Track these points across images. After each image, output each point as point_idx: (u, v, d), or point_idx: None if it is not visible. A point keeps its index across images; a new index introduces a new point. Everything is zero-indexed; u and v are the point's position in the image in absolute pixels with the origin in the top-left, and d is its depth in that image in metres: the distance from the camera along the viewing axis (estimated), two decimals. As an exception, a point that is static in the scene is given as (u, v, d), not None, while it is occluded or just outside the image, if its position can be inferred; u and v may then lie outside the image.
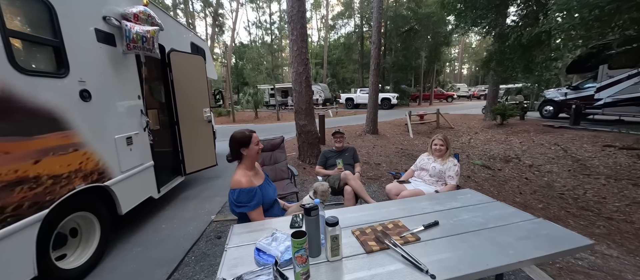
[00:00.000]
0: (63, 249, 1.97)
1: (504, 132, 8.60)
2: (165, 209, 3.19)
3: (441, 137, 2.60)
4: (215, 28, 22.25)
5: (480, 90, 28.93)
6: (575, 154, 5.86)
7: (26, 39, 1.69)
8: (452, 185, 2.39)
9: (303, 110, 4.70)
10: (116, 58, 2.42)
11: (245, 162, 1.63)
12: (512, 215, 1.39)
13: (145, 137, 2.78)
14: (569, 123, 8.52)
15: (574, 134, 7.43)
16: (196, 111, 3.73)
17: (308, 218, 1.10)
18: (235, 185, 1.52)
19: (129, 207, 2.43)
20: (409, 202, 1.65)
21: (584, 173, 4.92)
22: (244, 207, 1.50)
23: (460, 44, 42.10)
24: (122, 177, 2.35)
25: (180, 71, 3.43)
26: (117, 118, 2.40)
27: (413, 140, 8.21)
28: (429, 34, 18.98)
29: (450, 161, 2.50)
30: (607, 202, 3.82)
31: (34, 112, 1.64)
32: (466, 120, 11.74)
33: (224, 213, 3.06)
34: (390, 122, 11.65)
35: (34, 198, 1.59)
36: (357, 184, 2.46)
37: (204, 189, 3.89)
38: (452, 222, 1.35)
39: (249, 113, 17.72)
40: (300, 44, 4.52)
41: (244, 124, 13.56)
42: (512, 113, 9.61)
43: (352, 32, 24.85)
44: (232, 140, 1.62)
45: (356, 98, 19.56)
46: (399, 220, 1.40)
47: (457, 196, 1.69)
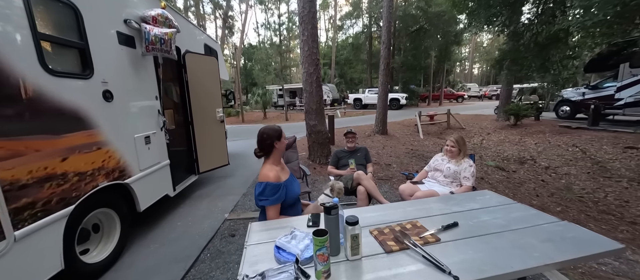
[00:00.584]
0: (86, 244, 2.04)
1: (518, 133, 8.38)
2: (180, 207, 3.27)
3: (454, 138, 2.56)
4: (225, 30, 22.61)
5: (491, 90, 28.26)
6: (594, 156, 5.65)
7: (55, 41, 1.77)
8: (468, 187, 2.35)
9: (313, 110, 4.72)
10: (136, 59, 2.50)
11: (274, 157, 1.66)
12: (534, 217, 1.36)
13: (162, 136, 2.86)
14: (587, 124, 8.22)
15: (593, 135, 7.17)
16: (209, 111, 3.80)
17: (328, 217, 1.10)
18: (263, 178, 1.56)
19: (147, 204, 2.50)
20: (425, 203, 1.64)
21: (604, 175, 4.74)
22: (265, 201, 1.53)
23: (471, 43, 41.31)
24: (141, 175, 2.42)
25: (194, 72, 3.51)
26: (137, 118, 2.47)
27: (423, 140, 8.10)
28: (439, 33, 18.69)
29: (465, 162, 2.45)
30: (630, 206, 3.66)
31: (62, 112, 1.71)
32: (478, 121, 11.50)
33: (236, 212, 3.11)
34: (399, 123, 11.54)
35: (62, 194, 1.66)
36: (370, 184, 2.46)
37: (216, 187, 3.96)
38: (472, 223, 1.33)
39: (257, 113, 17.91)
40: (311, 45, 4.54)
41: (253, 125, 13.71)
42: (526, 113, 9.35)
43: (360, 32, 24.74)
44: (265, 134, 1.65)
45: (364, 98, 19.46)
46: (417, 220, 1.39)
47: (476, 197, 1.66)
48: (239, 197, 3.54)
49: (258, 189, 1.56)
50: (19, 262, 1.44)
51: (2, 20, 1.43)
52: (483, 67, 48.14)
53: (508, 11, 5.42)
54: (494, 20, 5.58)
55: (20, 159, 1.45)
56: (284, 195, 1.57)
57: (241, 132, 10.60)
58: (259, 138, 1.67)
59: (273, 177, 1.55)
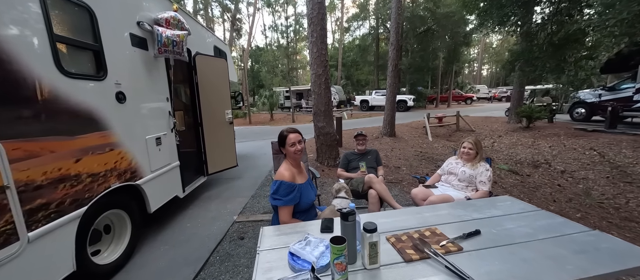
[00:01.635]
0: (97, 245, 2.05)
1: (531, 136, 8.16)
2: (189, 208, 3.27)
3: (471, 140, 2.48)
4: (233, 32, 22.87)
5: (501, 91, 27.72)
6: (613, 160, 5.43)
7: (70, 43, 1.78)
8: (484, 192, 2.27)
9: (322, 112, 4.68)
10: (148, 61, 2.51)
11: (289, 160, 1.67)
12: (562, 226, 1.28)
13: (172, 137, 2.87)
14: (604, 126, 7.93)
15: (611, 138, 6.91)
16: (219, 113, 3.81)
17: (345, 223, 1.06)
18: (278, 176, 1.56)
19: (157, 205, 2.51)
20: (442, 209, 1.57)
21: (625, 181, 4.53)
22: (278, 200, 1.51)
23: (480, 44, 40.67)
24: (151, 176, 2.43)
25: (204, 74, 3.52)
26: (148, 119, 2.48)
27: (432, 143, 7.96)
28: (447, 34, 18.44)
29: (481, 166, 2.37)
30: None
31: (76, 113, 1.72)
32: (488, 123, 11.26)
33: (245, 214, 3.09)
34: (407, 125, 11.40)
35: (75, 195, 1.66)
36: (382, 187, 2.40)
37: (225, 189, 3.96)
38: (495, 232, 1.26)
39: (264, 115, 18.00)
40: (319, 46, 4.51)
41: (260, 127, 13.77)
42: (539, 115, 9.09)
43: (367, 34, 24.64)
44: (278, 137, 1.72)
45: (371, 100, 19.35)
46: (435, 227, 1.33)
47: (496, 203, 1.59)
48: (248, 199, 3.52)
49: (273, 187, 1.55)
50: (31, 264, 1.44)
51: (20, 24, 1.44)
52: (492, 69, 47.31)
53: (521, 11, 5.28)
54: (506, 21, 5.44)
55: (35, 160, 1.46)
56: (298, 197, 1.54)
57: (248, 134, 10.65)
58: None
59: (288, 177, 1.53)
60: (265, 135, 10.32)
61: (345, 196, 1.75)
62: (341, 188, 1.79)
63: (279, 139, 1.68)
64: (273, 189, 1.52)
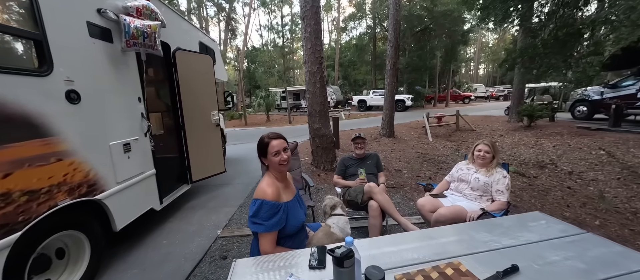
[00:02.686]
0: (46, 274, 1.71)
1: (533, 135, 7.93)
2: (168, 221, 2.93)
3: (487, 142, 2.19)
4: (228, 32, 22.48)
5: (498, 90, 27.63)
6: (622, 160, 5.18)
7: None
8: (503, 202, 1.97)
9: (317, 112, 4.37)
10: (113, 56, 2.18)
11: (273, 171, 1.34)
12: (623, 259, 0.98)
13: (146, 142, 2.54)
14: (608, 124, 7.72)
15: (617, 136, 6.68)
16: (204, 114, 3.48)
17: (340, 270, 0.75)
18: (258, 194, 1.23)
19: (125, 222, 2.17)
20: (462, 231, 1.27)
21: (637, 182, 4.27)
22: (259, 226, 1.18)
23: (476, 44, 40.64)
24: (117, 188, 2.09)
25: (186, 71, 3.19)
26: (113, 122, 2.15)
27: (433, 144, 7.69)
28: (445, 33, 18.25)
29: (498, 172, 2.07)
30: None
31: (3, 116, 1.38)
32: (488, 122, 11.04)
33: (230, 227, 2.76)
34: (406, 125, 11.14)
35: (1, 220, 1.33)
36: (384, 198, 2.09)
37: (211, 198, 3.62)
38: (537, 268, 0.95)
39: (260, 116, 17.66)
40: (314, 42, 4.20)
41: (256, 128, 13.42)
42: (541, 114, 8.88)
43: (364, 34, 24.40)
44: (257, 144, 1.37)
45: (369, 100, 19.10)
46: (458, 260, 1.02)
47: (528, 223, 1.28)
48: (235, 209, 3.19)
49: (252, 207, 1.22)
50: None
51: None
52: (489, 68, 47.40)
53: (526, 5, 5.02)
54: (509, 15, 5.18)
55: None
56: (283, 220, 1.22)
57: (243, 135, 10.30)
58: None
59: (271, 194, 1.20)
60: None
61: (342, 212, 1.45)
62: (336, 204, 1.49)
63: (259, 147, 1.33)
64: (252, 210, 1.20)
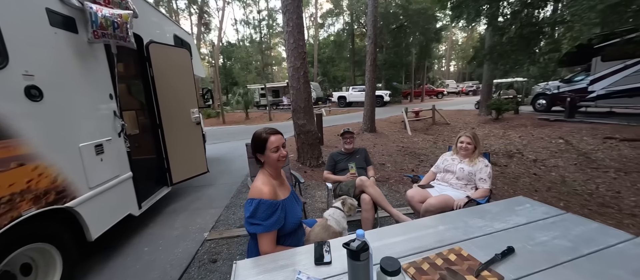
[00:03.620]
0: (10, 293, 1.52)
1: (501, 127, 8.54)
2: (148, 227, 2.74)
3: (469, 133, 2.30)
4: (201, 26, 21.40)
5: (468, 86, 29.32)
6: (577, 147, 5.75)
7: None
8: (486, 190, 2.10)
9: (301, 108, 4.32)
10: (79, 48, 1.97)
11: (268, 169, 1.28)
12: (600, 234, 1.08)
13: (120, 143, 2.34)
14: (564, 116, 8.54)
15: (572, 126, 7.41)
16: (183, 112, 3.29)
17: (355, 264, 0.74)
18: (254, 194, 1.17)
19: (101, 230, 1.99)
20: (457, 219, 1.32)
21: (591, 166, 4.77)
22: (258, 226, 1.14)
23: (447, 42, 42.71)
24: (90, 194, 1.91)
25: (162, 66, 2.98)
26: (83, 122, 1.95)
27: (412, 137, 7.97)
28: (419, 31, 18.93)
29: (480, 161, 2.20)
30: (623, 197, 3.64)
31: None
32: (461, 116, 11.68)
33: (218, 229, 2.65)
34: (386, 120, 11.44)
35: (-47, 236, 1.15)
36: (376, 191, 2.12)
37: (194, 199, 3.44)
38: (530, 248, 1.02)
39: (239, 114, 17.14)
40: (296, 36, 4.13)
41: (235, 126, 13.01)
42: (507, 107, 9.59)
43: (342, 30, 24.55)
44: (251, 141, 1.31)
45: (348, 96, 19.32)
46: (458, 246, 1.06)
47: (514, 207, 1.37)
48: (221, 210, 3.07)
49: (248, 208, 1.16)
50: None
51: None
52: (459, 65, 50.08)
53: (495, 4, 5.34)
54: (481, 14, 5.49)
55: None
56: (282, 219, 1.19)
57: (222, 134, 9.94)
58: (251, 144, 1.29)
59: (267, 193, 1.16)
60: (241, 135, 9.70)
61: (340, 208, 1.45)
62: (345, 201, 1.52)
63: (254, 144, 1.27)
64: (249, 210, 1.15)
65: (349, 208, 1.39)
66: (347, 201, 1.40)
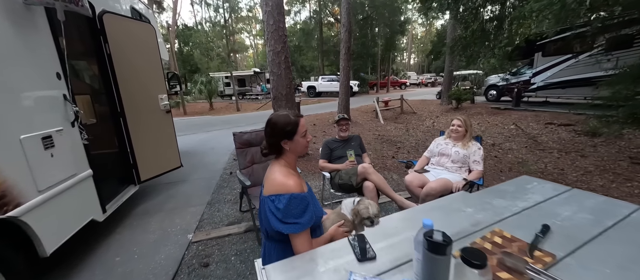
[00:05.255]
0: None
1: (461, 115, 9.29)
2: (116, 233, 2.33)
3: (460, 117, 2.38)
4: (152, 4, 18.95)
5: (427, 78, 31.40)
6: (526, 131, 6.52)
7: None
8: (480, 171, 2.21)
9: (283, 96, 4.08)
10: (11, 11, 1.49)
11: (287, 159, 1.10)
12: (611, 206, 1.17)
13: (75, 135, 1.90)
14: (512, 105, 9.64)
15: (519, 114, 8.39)
16: (149, 98, 2.83)
17: (437, 258, 0.64)
18: (280, 188, 0.99)
19: (57, 243, 1.60)
20: (479, 200, 1.32)
21: (538, 148, 5.44)
22: (295, 225, 0.97)
23: (408, 35, 44.94)
24: (40, 199, 1.51)
25: (121, 42, 2.49)
26: (23, 107, 1.51)
27: (385, 126, 8.24)
28: (384, 22, 19.48)
29: (473, 145, 2.30)
30: (566, 174, 4.21)
31: None
32: (425, 105, 12.44)
33: (204, 229, 2.36)
34: (357, 109, 11.64)
35: None
36: (379, 178, 2.08)
37: (167, 198, 3.04)
38: (561, 224, 1.05)
39: (201, 104, 15.87)
40: (276, 17, 3.84)
41: (198, 118, 12.00)
42: (466, 97, 10.47)
43: (309, 18, 24.04)
44: (272, 126, 1.08)
45: (318, 86, 19.21)
46: (498, 228, 1.05)
47: (526, 186, 1.43)
48: (203, 207, 2.76)
49: (277, 204, 0.98)
50: None
51: None
52: (418, 57, 53.24)
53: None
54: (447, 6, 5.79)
55: None
56: (314, 212, 1.04)
57: (186, 126, 9.07)
58: (265, 129, 1.09)
59: (294, 186, 1.00)
60: (209, 126, 8.98)
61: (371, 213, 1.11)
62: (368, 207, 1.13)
63: (281, 129, 1.05)
64: (278, 208, 0.97)
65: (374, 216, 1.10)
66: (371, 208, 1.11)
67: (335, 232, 1.16)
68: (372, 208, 1.14)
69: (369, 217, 1.12)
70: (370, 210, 1.13)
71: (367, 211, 1.13)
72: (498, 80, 11.50)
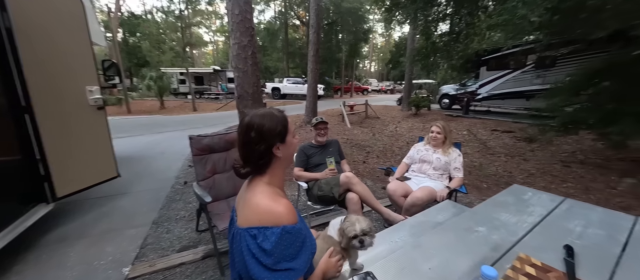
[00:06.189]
0: None
1: (420, 121, 9.87)
2: (14, 272, 1.67)
3: (440, 124, 2.33)
4: (87, -15, 16.29)
5: (386, 85, 33.27)
6: (476, 137, 7.14)
7: None
8: (461, 179, 2.17)
9: (249, 94, 3.67)
10: None
11: (274, 173, 0.80)
12: (613, 218, 1.14)
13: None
14: (462, 113, 10.60)
15: (469, 121, 9.22)
16: (73, 90, 2.19)
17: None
18: (267, 218, 0.69)
19: None
20: (483, 215, 1.19)
21: (489, 153, 5.94)
22: (288, 273, 0.66)
23: (369, 44, 47.27)
24: None
25: (31, 13, 1.86)
26: None
27: (352, 130, 8.26)
28: (349, 29, 20.02)
29: (453, 151, 2.26)
30: (514, 175, 4.62)
31: None
32: (388, 111, 12.98)
33: (148, 258, 1.84)
34: (324, 112, 11.55)
35: None
36: (364, 188, 1.88)
37: (98, 218, 2.37)
38: (582, 244, 0.95)
39: (150, 102, 14.09)
40: (243, 7, 3.43)
41: (145, 117, 10.54)
42: (424, 104, 11.20)
43: (274, 18, 23.45)
44: (258, 130, 0.75)
45: (283, 88, 18.75)
46: (525, 254, 0.90)
47: (522, 197, 1.36)
48: (147, 228, 2.20)
49: (265, 242, 0.67)
50: None
51: None
52: (378, 65, 56.32)
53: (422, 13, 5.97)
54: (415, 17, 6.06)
55: None
56: (310, 247, 0.76)
57: (130, 126, 7.81)
58: (243, 137, 0.75)
59: (286, 213, 0.70)
60: (160, 127, 7.88)
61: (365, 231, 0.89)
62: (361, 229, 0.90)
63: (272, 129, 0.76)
64: (265, 248, 0.66)
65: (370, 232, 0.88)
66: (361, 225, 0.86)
67: (326, 266, 0.87)
68: (360, 223, 0.86)
69: (356, 236, 0.84)
70: (356, 226, 0.85)
71: (353, 228, 0.85)
72: (450, 89, 12.60)
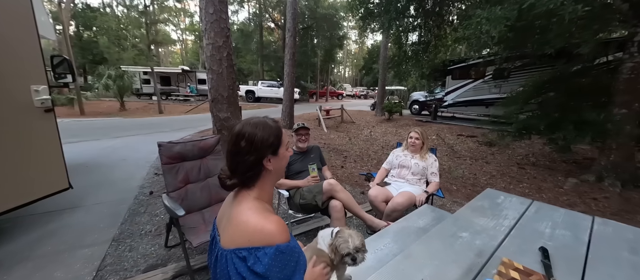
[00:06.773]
0: None
1: (393, 126, 10.27)
2: None
3: (418, 130, 2.42)
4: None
5: (360, 91, 34.27)
6: (445, 141, 7.60)
7: None
8: (437, 183, 2.26)
9: (224, 98, 3.49)
10: None
11: (263, 187, 0.74)
12: (574, 219, 1.25)
13: None
14: (431, 118, 11.26)
15: (437, 126, 9.80)
16: (15, 88, 1.88)
17: None
18: (258, 237, 0.63)
19: None
20: (464, 220, 1.24)
21: (456, 156, 6.35)
22: None
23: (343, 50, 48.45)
24: None
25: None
26: None
27: (329, 134, 8.31)
28: (324, 35, 20.31)
29: (430, 157, 2.35)
30: (478, 177, 4.99)
31: None
32: (362, 116, 13.32)
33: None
34: (300, 116, 11.48)
35: None
36: (347, 196, 1.86)
37: (44, 237, 2.04)
38: (554, 245, 1.03)
39: (108, 103, 12.85)
40: (218, 6, 3.28)
41: (102, 119, 9.58)
42: (396, 110, 11.70)
43: (249, 19, 22.94)
44: (249, 140, 0.69)
45: (258, 91, 18.35)
46: (507, 258, 0.94)
47: (496, 201, 1.44)
48: (106, 246, 1.95)
49: (257, 264, 0.61)
50: None
51: None
52: (352, 71, 57.85)
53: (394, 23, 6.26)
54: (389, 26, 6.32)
55: None
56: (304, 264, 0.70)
57: (84, 130, 7.01)
58: (232, 146, 0.69)
59: (278, 231, 0.65)
60: (120, 131, 7.18)
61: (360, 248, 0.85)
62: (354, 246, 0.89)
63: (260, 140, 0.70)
64: (258, 271, 0.59)
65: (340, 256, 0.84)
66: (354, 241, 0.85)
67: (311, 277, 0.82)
68: (354, 240, 0.85)
69: (349, 253, 0.83)
70: (350, 243, 0.84)
71: (346, 246, 0.83)
72: (420, 96, 13.34)
